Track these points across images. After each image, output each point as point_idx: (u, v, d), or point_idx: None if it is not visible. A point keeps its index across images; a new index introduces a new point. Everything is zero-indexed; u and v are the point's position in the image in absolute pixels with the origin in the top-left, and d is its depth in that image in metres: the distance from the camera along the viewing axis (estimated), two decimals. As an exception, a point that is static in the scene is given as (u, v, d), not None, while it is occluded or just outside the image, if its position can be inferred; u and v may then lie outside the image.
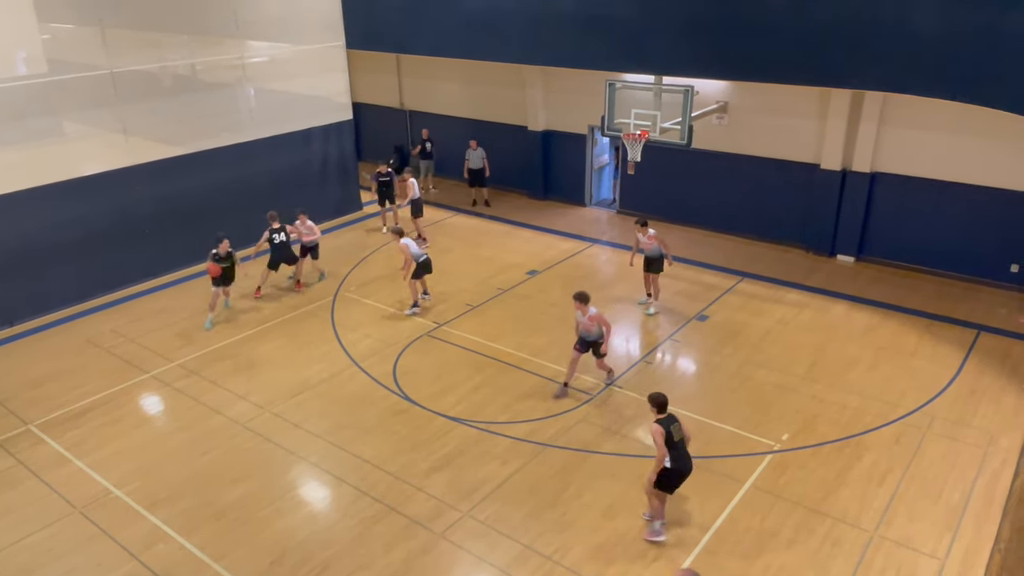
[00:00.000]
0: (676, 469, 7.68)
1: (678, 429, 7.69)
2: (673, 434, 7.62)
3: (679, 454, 7.68)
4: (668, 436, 7.58)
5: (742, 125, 15.47)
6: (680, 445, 7.70)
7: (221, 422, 10.26)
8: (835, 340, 11.96)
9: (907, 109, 13.46)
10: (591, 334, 10.30)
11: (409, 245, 12.93)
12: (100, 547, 8.13)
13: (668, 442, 7.57)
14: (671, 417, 7.73)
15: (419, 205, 16.31)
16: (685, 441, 7.78)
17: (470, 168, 18.40)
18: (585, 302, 10.15)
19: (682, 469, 7.72)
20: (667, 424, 7.63)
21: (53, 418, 10.46)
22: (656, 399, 7.73)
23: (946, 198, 13.66)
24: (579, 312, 10.22)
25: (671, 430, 7.61)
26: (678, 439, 7.66)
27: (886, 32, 11.42)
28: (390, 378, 11.21)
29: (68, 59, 13.86)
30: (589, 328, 10.23)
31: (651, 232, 12.46)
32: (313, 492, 8.99)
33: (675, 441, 7.62)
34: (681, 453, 7.70)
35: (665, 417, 7.69)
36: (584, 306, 10.13)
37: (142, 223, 14.36)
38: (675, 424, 7.69)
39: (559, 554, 7.86)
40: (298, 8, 16.65)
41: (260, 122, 16.11)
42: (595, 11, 13.90)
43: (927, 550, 7.77)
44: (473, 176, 18.46)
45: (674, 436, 7.62)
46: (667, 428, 7.60)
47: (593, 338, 10.33)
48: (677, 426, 7.69)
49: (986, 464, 9.03)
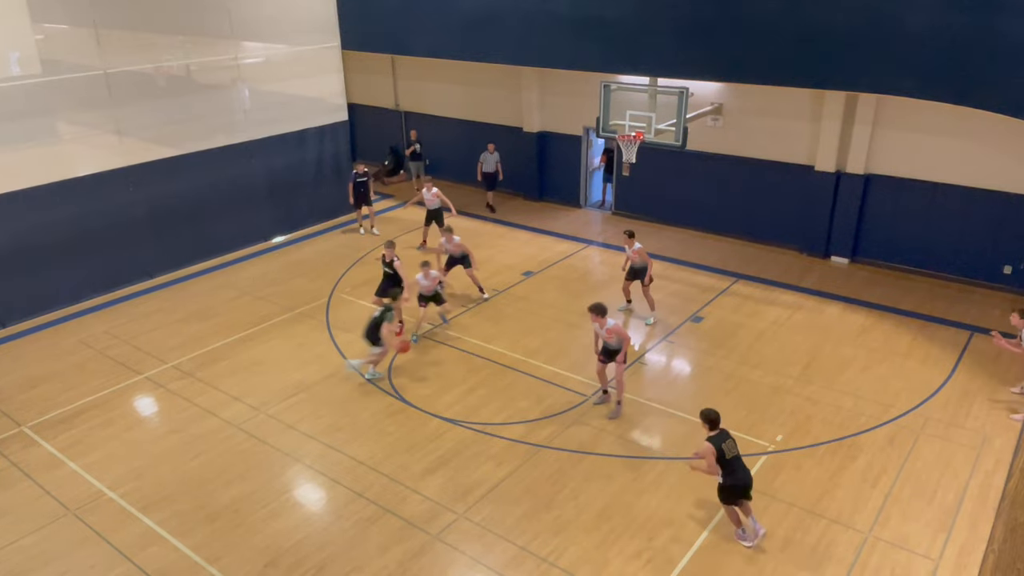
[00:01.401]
0: (733, 484, 7.70)
1: (731, 446, 7.61)
2: (726, 452, 7.56)
3: (734, 469, 7.65)
4: (720, 454, 7.53)
5: (737, 127, 15.51)
6: (735, 461, 7.64)
7: (215, 424, 10.24)
8: (829, 341, 12.00)
9: (901, 111, 13.51)
10: (612, 344, 10.01)
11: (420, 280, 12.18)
12: (94, 549, 8.09)
13: (720, 459, 7.53)
14: (723, 433, 7.65)
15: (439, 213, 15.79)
16: (739, 455, 7.70)
17: (484, 172, 18.16)
18: (602, 315, 9.83)
19: (738, 483, 7.72)
20: (719, 441, 7.57)
21: (47, 420, 10.41)
22: (707, 415, 7.69)
23: (939, 200, 13.72)
24: (596, 324, 9.92)
25: (723, 448, 7.54)
26: (731, 456, 7.60)
27: (880, 34, 11.47)
28: (385, 379, 11.20)
29: (62, 60, 13.82)
30: (609, 339, 9.95)
31: (637, 246, 12.40)
32: (308, 494, 8.97)
33: (728, 459, 7.58)
34: (736, 468, 7.66)
35: (717, 434, 7.63)
36: (602, 319, 9.82)
37: (136, 225, 14.31)
38: (728, 441, 7.61)
39: (554, 556, 7.85)
40: (293, 9, 16.64)
41: (255, 123, 16.07)
42: (590, 13, 13.92)
43: (921, 550, 7.80)
44: (488, 180, 18.22)
45: (726, 454, 7.56)
46: (718, 446, 7.54)
47: (615, 348, 10.02)
48: (730, 443, 7.62)
49: (979, 465, 9.06)
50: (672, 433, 9.87)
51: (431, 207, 15.65)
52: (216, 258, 15.66)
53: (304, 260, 15.78)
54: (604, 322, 9.83)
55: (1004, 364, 11.09)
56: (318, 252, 16.21)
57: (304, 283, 14.56)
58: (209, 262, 15.52)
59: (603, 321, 9.83)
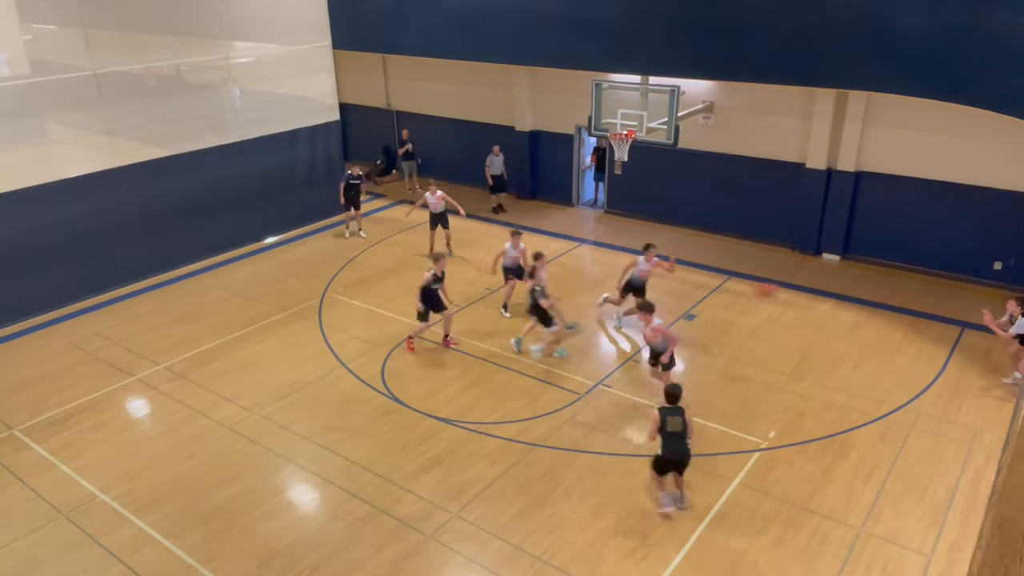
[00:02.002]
0: (662, 457, 8.15)
1: (674, 423, 7.98)
2: (667, 425, 7.97)
3: (666, 443, 8.05)
4: (662, 425, 7.98)
5: (728, 125, 15.54)
6: (672, 436, 8.01)
7: (208, 425, 10.20)
8: (821, 338, 12.04)
9: (891, 109, 13.57)
10: (657, 346, 10.00)
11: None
12: (86, 552, 8.06)
13: (661, 430, 7.98)
14: (674, 409, 8.05)
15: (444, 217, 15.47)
16: (681, 433, 8.02)
17: (493, 174, 17.88)
18: (650, 312, 9.87)
19: (666, 456, 8.12)
20: (665, 414, 8.01)
21: (38, 422, 10.36)
22: (668, 389, 8.18)
23: (930, 197, 13.78)
24: (643, 322, 9.99)
25: (665, 420, 7.98)
26: (671, 429, 7.99)
27: (869, 32, 11.51)
28: (378, 379, 11.19)
29: (51, 60, 13.74)
30: (652, 339, 9.95)
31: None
32: (301, 494, 8.96)
33: (667, 431, 7.99)
34: (668, 442, 8.05)
35: (669, 408, 8.05)
36: (648, 316, 9.86)
37: (127, 226, 14.25)
38: (673, 417, 7.99)
39: (548, 554, 7.86)
40: (283, 9, 16.58)
41: (246, 123, 16.03)
42: (581, 12, 13.92)
43: (913, 546, 7.84)
44: (497, 182, 18.00)
45: (667, 427, 7.98)
46: (663, 418, 8.00)
47: (659, 349, 9.99)
48: (675, 419, 7.99)
49: (970, 460, 9.12)
50: (665, 431, 9.89)
51: (436, 211, 15.31)
52: (208, 259, 15.61)
53: (296, 260, 15.74)
54: (650, 320, 9.87)
55: (995, 359, 11.15)
56: (310, 252, 16.18)
57: (296, 283, 14.53)
58: (201, 263, 15.47)
59: (649, 319, 9.88)
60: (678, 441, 8.06)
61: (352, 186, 16.41)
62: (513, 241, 12.79)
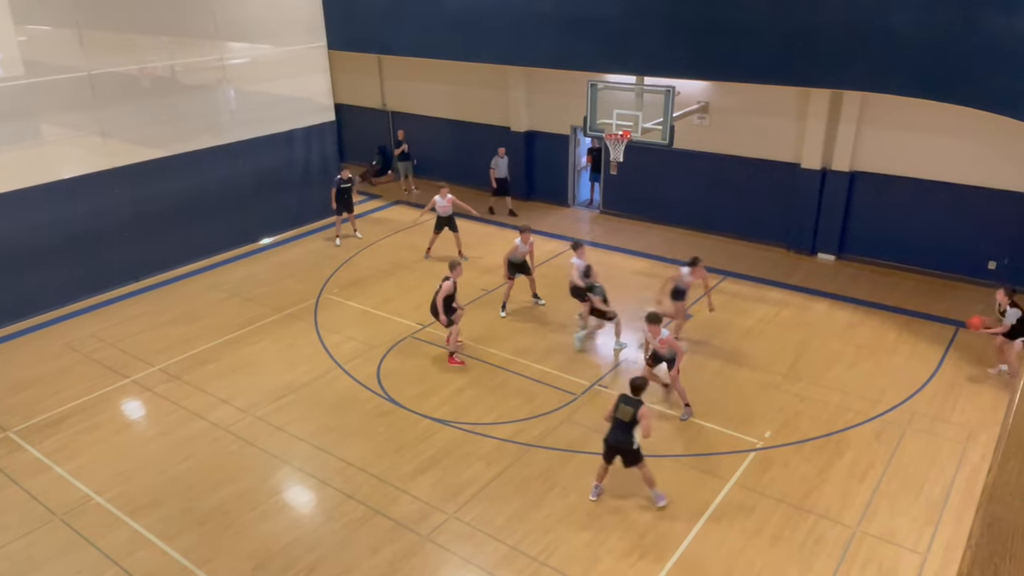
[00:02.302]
0: (604, 440, 8.42)
1: (625, 411, 8.25)
2: (617, 411, 8.31)
3: (612, 429, 8.35)
4: (614, 410, 8.34)
5: (723, 125, 15.57)
6: (618, 423, 8.29)
7: (204, 426, 10.19)
8: (816, 338, 12.07)
9: (885, 109, 13.60)
10: (664, 354, 9.96)
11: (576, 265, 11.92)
12: (81, 555, 8.04)
13: (612, 416, 8.36)
14: (629, 400, 8.31)
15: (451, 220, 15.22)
16: (628, 424, 8.23)
17: (498, 177, 17.62)
18: (657, 323, 9.78)
19: (607, 440, 8.41)
20: (619, 402, 8.35)
21: (32, 424, 10.34)
22: (631, 380, 8.48)
23: (925, 196, 13.82)
24: (649, 333, 9.86)
25: (619, 407, 8.31)
26: (619, 416, 8.29)
27: (864, 32, 11.54)
28: (374, 380, 11.18)
29: (45, 61, 13.71)
30: (661, 349, 9.90)
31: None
32: (297, 496, 8.95)
33: (616, 417, 8.32)
34: (614, 429, 8.34)
35: (626, 396, 8.35)
36: (655, 327, 9.77)
37: (122, 227, 14.22)
38: (625, 407, 8.26)
39: (545, 554, 7.87)
40: (279, 9, 16.56)
41: (241, 124, 16.00)
42: (577, 12, 13.93)
43: (908, 544, 7.87)
44: (501, 185, 17.71)
45: (617, 413, 8.31)
46: (616, 404, 8.36)
47: (667, 358, 9.97)
48: (625, 408, 8.25)
49: (965, 459, 9.15)
50: (661, 431, 9.89)
51: (444, 214, 15.03)
52: (203, 260, 15.59)
53: (292, 261, 15.73)
54: (658, 331, 9.79)
55: (989, 359, 11.18)
56: (306, 253, 16.16)
57: (292, 284, 14.52)
58: (196, 264, 15.44)
59: (656, 330, 9.79)
60: (621, 430, 8.30)
61: (344, 190, 16.22)
62: (523, 237, 12.74)
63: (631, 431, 8.23)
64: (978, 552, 1.95)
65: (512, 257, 12.80)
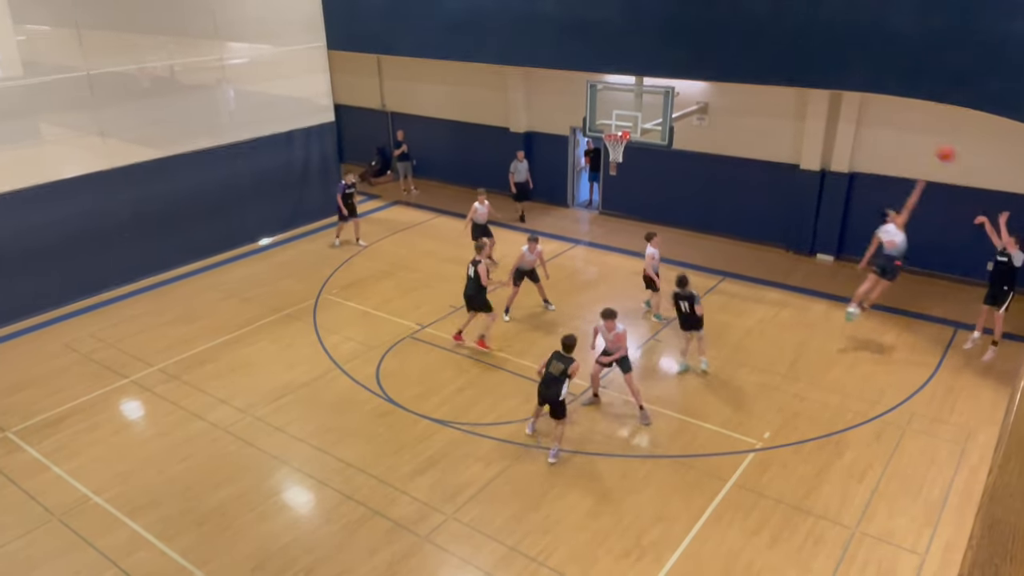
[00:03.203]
0: (538, 390, 9.30)
1: (556, 366, 9.09)
2: (549, 366, 9.17)
3: (543, 381, 9.21)
4: (547, 365, 9.20)
5: (722, 126, 15.57)
6: (548, 376, 9.13)
7: (202, 427, 10.18)
8: (815, 338, 12.07)
9: (884, 109, 13.61)
10: (611, 348, 9.98)
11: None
12: (79, 555, 8.03)
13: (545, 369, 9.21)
14: (562, 356, 9.13)
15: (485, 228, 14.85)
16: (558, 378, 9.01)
17: (516, 181, 17.33)
18: (613, 318, 9.80)
19: (539, 390, 9.30)
20: (552, 357, 9.21)
21: (31, 424, 10.32)
22: (563, 339, 9.24)
23: (923, 197, 13.77)
24: (604, 328, 9.87)
25: (550, 362, 9.18)
26: (549, 371, 9.14)
27: (863, 33, 11.54)
28: (373, 380, 11.18)
29: (44, 61, 13.70)
30: (614, 345, 9.91)
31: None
32: (296, 496, 8.94)
33: (547, 371, 9.18)
34: (544, 382, 9.19)
35: (558, 352, 9.19)
36: (611, 322, 9.79)
37: (121, 227, 14.21)
38: (557, 362, 9.10)
39: (543, 555, 7.86)
40: (278, 9, 16.55)
41: (240, 124, 15.99)
42: (576, 13, 13.92)
43: (907, 545, 7.87)
44: (520, 190, 17.46)
45: (548, 367, 9.17)
46: (550, 359, 9.21)
47: (610, 351, 10.00)
48: (557, 364, 9.09)
49: (964, 460, 9.15)
50: (660, 431, 9.91)
51: (481, 221, 14.68)
52: (202, 260, 15.57)
53: (291, 261, 15.72)
54: (613, 325, 9.82)
55: (989, 362, 11.19)
56: (305, 253, 16.15)
57: (291, 284, 14.50)
58: (195, 264, 15.43)
59: (611, 324, 9.82)
60: (550, 383, 9.09)
61: (349, 195, 16.06)
62: (530, 246, 12.68)
63: (561, 384, 9.01)
64: (979, 553, 1.95)
65: (520, 266, 12.75)
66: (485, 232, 14.75)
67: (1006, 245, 10.81)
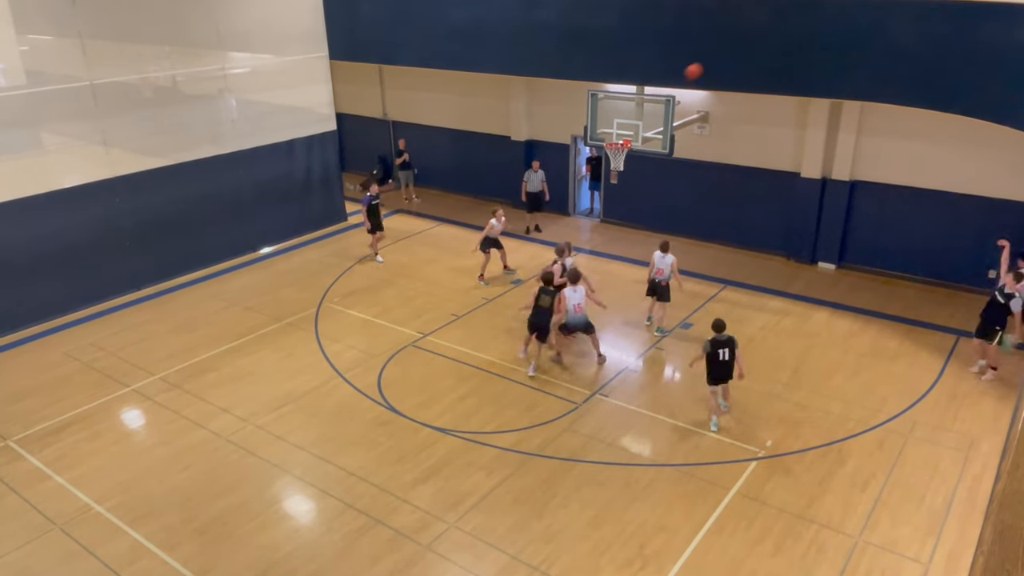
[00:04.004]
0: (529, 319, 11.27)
1: (545, 299, 10.99)
2: (539, 300, 11.06)
3: (536, 312, 11.13)
4: (537, 298, 11.07)
5: (723, 134, 15.61)
6: (538, 308, 11.08)
7: (204, 436, 10.16)
8: (817, 347, 12.06)
9: (885, 118, 13.65)
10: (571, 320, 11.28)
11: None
12: (81, 564, 8.01)
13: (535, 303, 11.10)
14: (548, 290, 11.04)
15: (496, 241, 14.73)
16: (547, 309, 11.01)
17: (529, 192, 17.15)
18: (575, 282, 11.12)
19: (531, 320, 11.23)
20: (540, 292, 11.10)
21: (32, 433, 10.31)
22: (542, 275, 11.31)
23: (924, 205, 13.85)
24: (570, 290, 11.12)
25: (540, 296, 11.06)
26: (539, 304, 11.07)
27: (863, 42, 11.59)
28: (375, 389, 11.17)
29: (47, 71, 13.74)
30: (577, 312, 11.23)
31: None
32: (297, 505, 8.92)
33: (537, 304, 11.10)
34: (537, 312, 11.12)
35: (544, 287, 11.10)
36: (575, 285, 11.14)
37: (123, 236, 14.23)
38: (545, 295, 10.98)
39: (546, 564, 7.84)
40: (280, 19, 16.61)
41: (242, 133, 16.03)
42: (577, 23, 14.00)
43: (911, 554, 7.84)
44: (532, 200, 17.22)
45: (538, 301, 11.07)
46: (539, 293, 11.09)
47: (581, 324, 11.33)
48: (546, 298, 10.99)
49: (967, 468, 9.13)
50: (662, 440, 9.89)
51: (494, 235, 14.54)
52: (204, 269, 15.58)
53: (292, 270, 15.73)
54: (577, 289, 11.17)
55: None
56: (306, 262, 16.16)
57: (293, 293, 14.51)
58: (197, 273, 15.44)
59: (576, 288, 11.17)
60: (541, 314, 11.04)
61: (374, 207, 15.59)
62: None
63: (548, 315, 10.99)
64: (990, 559, 1.95)
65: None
66: (496, 243, 14.76)
67: (1006, 283, 10.65)
